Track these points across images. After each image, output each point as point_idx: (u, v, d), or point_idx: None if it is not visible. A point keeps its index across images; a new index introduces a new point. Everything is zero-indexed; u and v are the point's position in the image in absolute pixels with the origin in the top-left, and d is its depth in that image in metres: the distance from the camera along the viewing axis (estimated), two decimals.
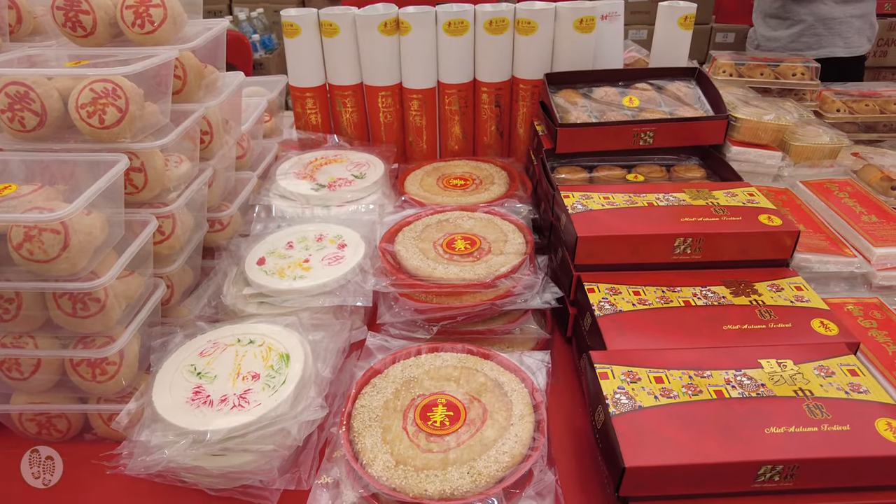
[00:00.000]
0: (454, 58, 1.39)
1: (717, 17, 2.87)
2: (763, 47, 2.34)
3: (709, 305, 0.95)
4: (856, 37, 2.23)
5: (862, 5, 2.19)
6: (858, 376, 0.82)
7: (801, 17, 2.21)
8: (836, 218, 1.16)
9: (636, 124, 1.25)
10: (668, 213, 1.04)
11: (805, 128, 1.34)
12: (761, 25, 2.36)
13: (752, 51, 2.44)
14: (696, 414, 0.76)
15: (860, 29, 2.23)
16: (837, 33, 2.21)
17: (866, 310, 1.00)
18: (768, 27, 2.33)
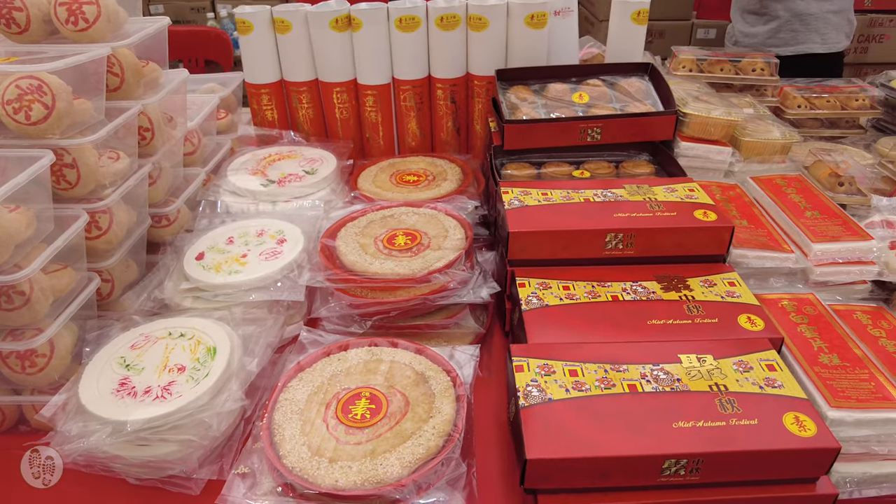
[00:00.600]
0: (407, 54, 1.39)
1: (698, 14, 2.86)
2: (741, 43, 2.32)
3: (637, 300, 0.95)
4: (833, 33, 2.22)
5: (839, 1, 2.17)
6: (776, 371, 0.81)
7: (778, 13, 2.19)
8: (781, 214, 1.15)
9: (583, 120, 1.25)
10: (602, 209, 1.04)
11: (757, 123, 1.34)
12: (739, 21, 2.35)
13: (730, 47, 2.43)
14: (607, 408, 0.77)
15: (838, 25, 2.22)
16: (814, 29, 2.20)
17: (800, 305, 1.00)
18: (746, 23, 2.31)
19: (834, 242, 1.07)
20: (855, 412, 0.80)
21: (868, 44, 2.70)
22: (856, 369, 0.86)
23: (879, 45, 2.70)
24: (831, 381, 0.84)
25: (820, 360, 0.88)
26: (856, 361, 0.88)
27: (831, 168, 1.25)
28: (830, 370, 0.86)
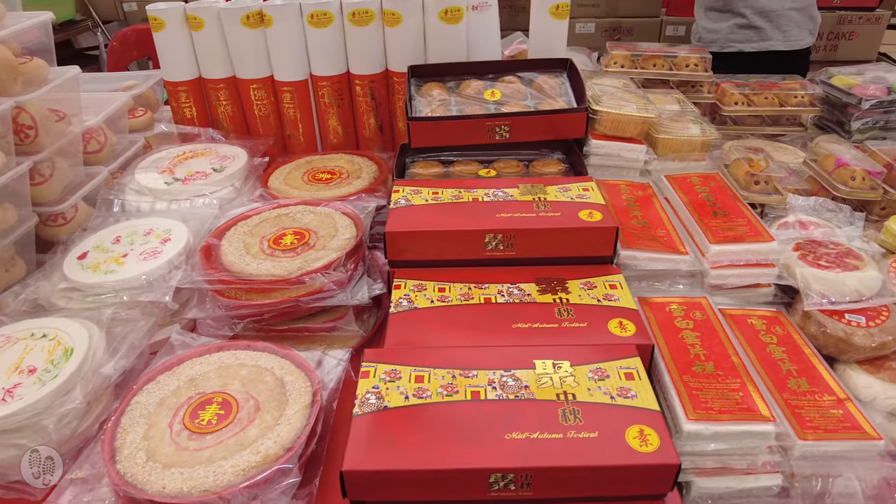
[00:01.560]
0: (322, 50, 1.36)
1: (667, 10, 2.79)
2: (704, 40, 2.27)
3: (510, 303, 0.92)
4: (796, 30, 2.16)
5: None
6: (633, 380, 0.77)
7: (740, 10, 2.14)
8: (686, 213, 1.10)
9: (489, 118, 1.21)
10: (486, 209, 1.01)
11: (675, 121, 1.29)
12: (702, 18, 2.29)
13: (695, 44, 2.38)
14: (442, 416, 0.73)
15: (800, 22, 2.16)
16: (777, 26, 2.14)
17: (689, 309, 0.95)
18: (709, 20, 2.26)
19: (734, 244, 1.02)
20: (713, 424, 0.75)
21: (838, 41, 2.62)
22: (727, 379, 0.82)
23: (849, 42, 2.62)
24: (697, 392, 0.80)
25: (693, 368, 0.84)
26: (731, 370, 0.83)
27: (748, 166, 1.20)
28: (700, 379, 0.82)
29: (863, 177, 1.23)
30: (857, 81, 1.52)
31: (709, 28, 2.24)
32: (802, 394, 0.84)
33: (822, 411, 0.81)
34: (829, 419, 0.80)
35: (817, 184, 1.26)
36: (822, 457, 0.77)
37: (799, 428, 0.78)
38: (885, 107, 1.45)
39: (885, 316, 0.94)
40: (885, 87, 1.47)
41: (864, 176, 1.23)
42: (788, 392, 0.84)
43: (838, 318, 0.95)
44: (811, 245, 1.05)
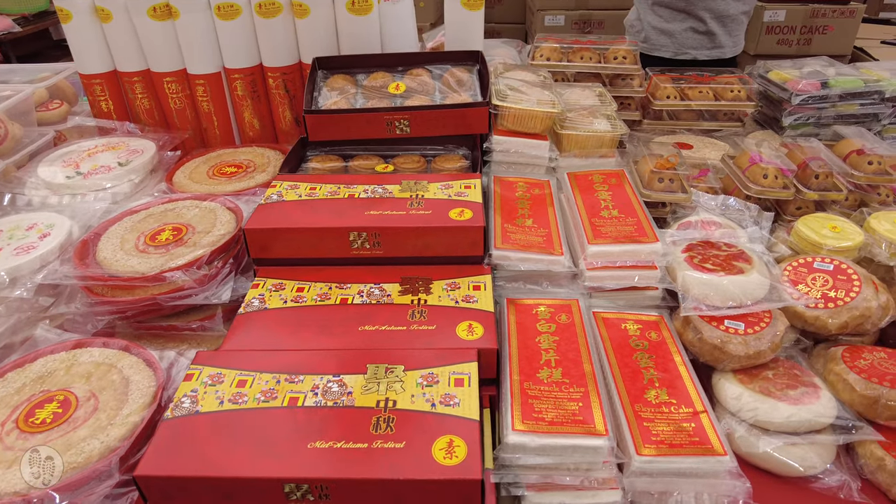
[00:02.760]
0: (232, 42, 1.33)
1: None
2: (653, 42, 2.04)
3: (367, 304, 0.88)
4: (741, 35, 2.03)
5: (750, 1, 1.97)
6: (461, 387, 0.74)
7: (699, 14, 1.95)
8: (576, 212, 1.06)
9: (388, 112, 1.18)
10: (358, 206, 0.97)
11: (585, 116, 1.23)
12: (648, 13, 2.05)
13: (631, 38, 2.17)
14: (250, 423, 0.70)
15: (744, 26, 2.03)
16: (728, 31, 1.99)
17: (556, 312, 0.91)
18: (658, 17, 2.02)
19: (614, 244, 0.97)
20: (540, 437, 0.71)
21: (811, 35, 2.52)
22: (571, 388, 0.78)
23: (823, 36, 2.52)
24: (533, 400, 0.76)
25: (538, 374, 0.80)
26: (578, 378, 0.79)
27: (653, 164, 1.15)
28: (541, 387, 0.78)
29: (775, 175, 1.16)
30: (794, 76, 1.45)
31: (660, 28, 2.06)
32: (658, 405, 0.79)
33: (674, 424, 0.76)
34: (677, 433, 0.75)
35: (732, 182, 1.20)
36: (662, 473, 0.73)
37: (640, 442, 0.74)
38: (818, 102, 1.39)
39: (765, 323, 0.89)
40: (820, 82, 1.40)
41: (777, 174, 1.17)
42: (642, 403, 0.79)
43: (717, 324, 0.90)
44: (702, 247, 1.00)
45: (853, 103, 1.40)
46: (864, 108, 1.41)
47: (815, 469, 0.81)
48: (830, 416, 0.82)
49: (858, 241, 1.07)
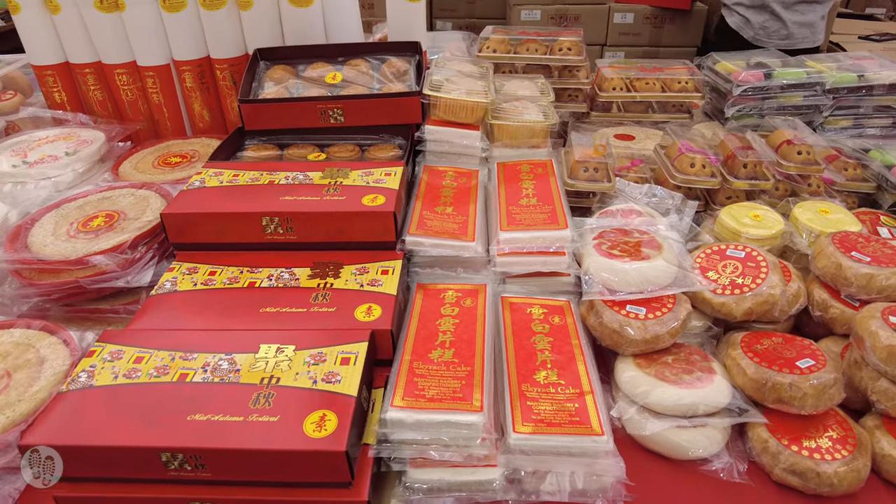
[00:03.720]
0: (179, 34, 1.36)
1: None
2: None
3: (274, 287, 0.91)
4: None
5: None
6: (346, 365, 0.76)
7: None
8: (496, 200, 1.07)
9: (321, 101, 1.20)
10: (274, 192, 0.99)
11: (518, 107, 1.24)
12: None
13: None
14: (139, 397, 0.73)
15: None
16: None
17: (463, 296, 0.93)
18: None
19: (525, 231, 0.98)
20: (417, 413, 0.73)
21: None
22: (459, 367, 0.79)
23: None
24: (419, 379, 0.77)
25: (430, 355, 0.81)
26: (468, 359, 0.81)
27: (578, 154, 1.16)
28: (431, 367, 0.79)
29: (703, 164, 1.17)
30: (739, 67, 1.45)
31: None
32: (545, 386, 0.81)
33: (557, 404, 0.78)
34: (559, 413, 0.77)
35: (662, 172, 1.21)
36: (537, 451, 0.74)
37: (519, 420, 0.76)
38: (761, 93, 1.39)
39: (667, 309, 0.90)
40: (763, 74, 1.40)
41: (705, 163, 1.17)
42: (530, 383, 0.81)
43: (618, 309, 0.91)
44: (615, 234, 1.01)
45: (796, 94, 1.41)
46: (807, 99, 1.41)
47: (702, 452, 0.82)
48: (721, 401, 0.83)
49: (778, 230, 1.08)
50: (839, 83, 1.39)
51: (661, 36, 2.76)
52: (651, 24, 2.74)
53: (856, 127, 1.42)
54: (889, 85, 1.38)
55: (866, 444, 0.80)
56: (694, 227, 1.14)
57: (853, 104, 1.40)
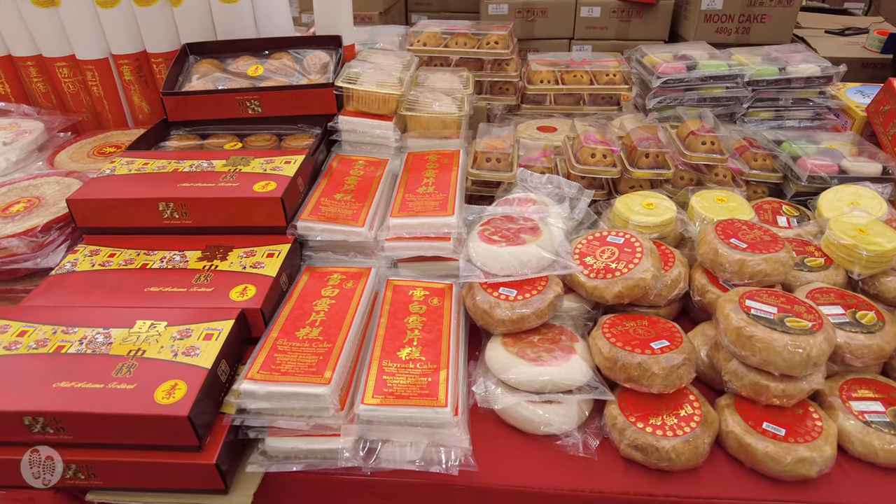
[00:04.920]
0: (115, 29, 1.41)
1: None
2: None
3: (163, 269, 0.95)
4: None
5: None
6: (209, 340, 0.80)
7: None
8: (397, 188, 1.11)
9: (238, 93, 1.24)
10: (175, 179, 1.04)
11: (434, 99, 1.27)
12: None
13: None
14: (14, 367, 0.78)
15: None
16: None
17: (347, 279, 0.97)
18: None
19: (414, 217, 1.02)
20: (268, 385, 0.78)
21: (750, 24, 2.50)
22: (322, 344, 0.83)
23: (762, 25, 2.50)
24: (279, 354, 0.81)
25: (297, 332, 0.85)
26: (332, 336, 0.85)
27: (483, 145, 1.19)
28: (295, 343, 0.83)
29: (604, 154, 1.20)
30: (664, 59, 1.47)
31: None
32: (406, 362, 0.85)
33: (412, 379, 0.82)
34: (411, 386, 0.81)
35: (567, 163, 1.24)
36: (382, 421, 0.79)
37: (370, 392, 0.80)
38: (683, 85, 1.41)
39: (537, 291, 0.94)
40: (686, 66, 1.42)
41: (606, 153, 1.20)
42: (392, 359, 0.85)
43: (491, 290, 0.95)
44: (501, 221, 1.04)
45: (717, 86, 1.42)
46: (729, 91, 1.42)
47: (554, 428, 0.85)
48: (576, 379, 0.87)
49: (667, 218, 1.11)
50: (758, 76, 1.40)
51: (628, 30, 2.77)
52: (618, 17, 2.75)
53: (777, 119, 1.44)
54: (806, 78, 1.40)
55: (712, 421, 0.84)
56: (591, 215, 1.18)
57: (773, 97, 1.42)
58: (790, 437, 0.80)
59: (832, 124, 1.44)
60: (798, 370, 0.81)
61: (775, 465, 0.79)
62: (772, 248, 0.98)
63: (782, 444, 0.80)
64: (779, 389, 0.82)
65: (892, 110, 1.28)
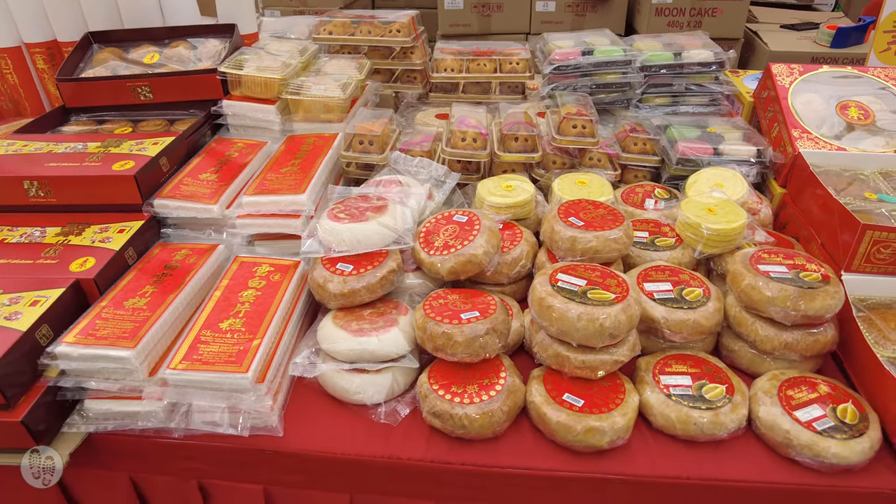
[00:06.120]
0: (24, 17, 1.46)
1: None
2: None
3: (19, 243, 1.00)
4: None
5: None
6: (34, 307, 0.84)
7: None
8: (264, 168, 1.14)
9: (129, 79, 1.29)
10: (45, 160, 1.08)
11: (314, 83, 1.29)
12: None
13: None
14: None
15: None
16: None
17: (192, 254, 1.01)
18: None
19: (266, 195, 1.05)
20: (81, 347, 0.81)
21: (701, 18, 2.49)
22: (144, 312, 0.87)
23: (713, 18, 2.48)
24: (100, 321, 0.85)
25: (126, 302, 0.89)
26: (156, 305, 0.89)
27: (357, 129, 1.22)
28: (119, 311, 0.87)
29: (473, 138, 1.22)
30: (564, 46, 1.48)
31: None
32: (225, 332, 0.88)
33: (226, 347, 0.85)
34: (221, 354, 0.84)
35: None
36: (185, 384, 0.82)
37: (178, 359, 0.83)
38: (577, 71, 1.41)
39: (372, 266, 0.96)
40: (580, 52, 1.43)
41: (476, 137, 1.22)
42: (212, 329, 0.88)
43: (330, 265, 0.97)
44: (355, 200, 1.06)
45: (612, 72, 1.43)
46: (625, 77, 1.43)
47: (365, 396, 0.88)
48: (391, 350, 0.89)
49: (521, 199, 1.12)
50: (651, 61, 1.41)
51: (583, 24, 2.77)
52: (573, 12, 2.75)
53: (674, 105, 1.44)
54: (699, 63, 1.40)
55: (514, 391, 0.85)
56: (459, 196, 1.20)
57: (668, 82, 1.42)
58: (586, 409, 0.82)
59: (727, 110, 1.44)
60: (594, 341, 0.82)
61: (567, 434, 0.81)
62: (607, 227, 0.99)
63: (576, 414, 0.81)
64: (579, 360, 0.84)
65: (769, 96, 1.28)
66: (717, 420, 0.81)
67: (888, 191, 1.09)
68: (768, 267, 0.92)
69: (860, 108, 1.23)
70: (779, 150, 1.23)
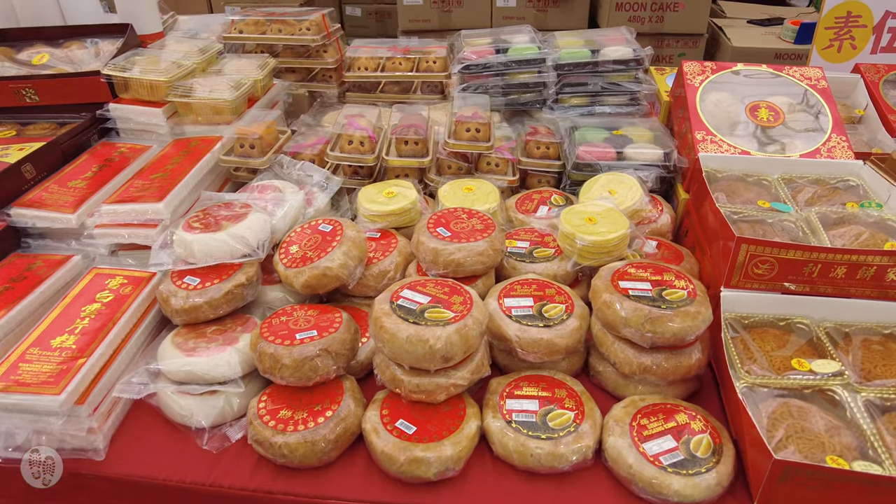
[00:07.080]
0: None
1: None
2: None
3: None
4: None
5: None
6: None
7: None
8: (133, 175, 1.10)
9: (13, 80, 1.24)
10: None
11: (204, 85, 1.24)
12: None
13: None
14: None
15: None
16: None
17: (45, 266, 0.96)
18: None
19: (125, 204, 1.01)
20: None
21: (663, 13, 2.40)
22: None
23: (675, 14, 2.39)
24: None
25: None
26: None
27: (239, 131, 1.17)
28: None
29: (360, 142, 1.16)
30: (479, 45, 1.41)
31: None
32: (54, 350, 0.83)
33: (48, 366, 0.80)
34: (41, 374, 0.79)
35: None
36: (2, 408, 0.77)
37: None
38: (488, 71, 1.34)
39: (220, 280, 0.91)
40: (493, 50, 1.36)
41: (364, 140, 1.16)
42: (41, 346, 0.83)
43: (178, 279, 0.92)
44: (218, 208, 1.01)
45: (526, 71, 1.36)
46: (540, 76, 1.36)
47: (193, 418, 0.82)
48: (221, 373, 0.83)
49: (399, 207, 1.07)
50: (565, 59, 1.34)
51: (546, 20, 2.69)
52: (535, 7, 2.67)
53: (591, 105, 1.37)
54: (615, 60, 1.32)
55: (345, 418, 0.79)
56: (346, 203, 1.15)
57: (583, 81, 1.35)
58: (416, 437, 0.76)
59: (646, 111, 1.37)
60: (426, 364, 0.76)
61: (391, 464, 0.75)
62: (472, 238, 0.93)
63: (403, 443, 0.75)
64: (413, 384, 0.78)
65: (681, 95, 1.21)
66: (555, 451, 0.75)
67: (786, 199, 1.02)
68: (630, 283, 0.85)
69: (770, 109, 1.16)
70: (684, 154, 1.16)
